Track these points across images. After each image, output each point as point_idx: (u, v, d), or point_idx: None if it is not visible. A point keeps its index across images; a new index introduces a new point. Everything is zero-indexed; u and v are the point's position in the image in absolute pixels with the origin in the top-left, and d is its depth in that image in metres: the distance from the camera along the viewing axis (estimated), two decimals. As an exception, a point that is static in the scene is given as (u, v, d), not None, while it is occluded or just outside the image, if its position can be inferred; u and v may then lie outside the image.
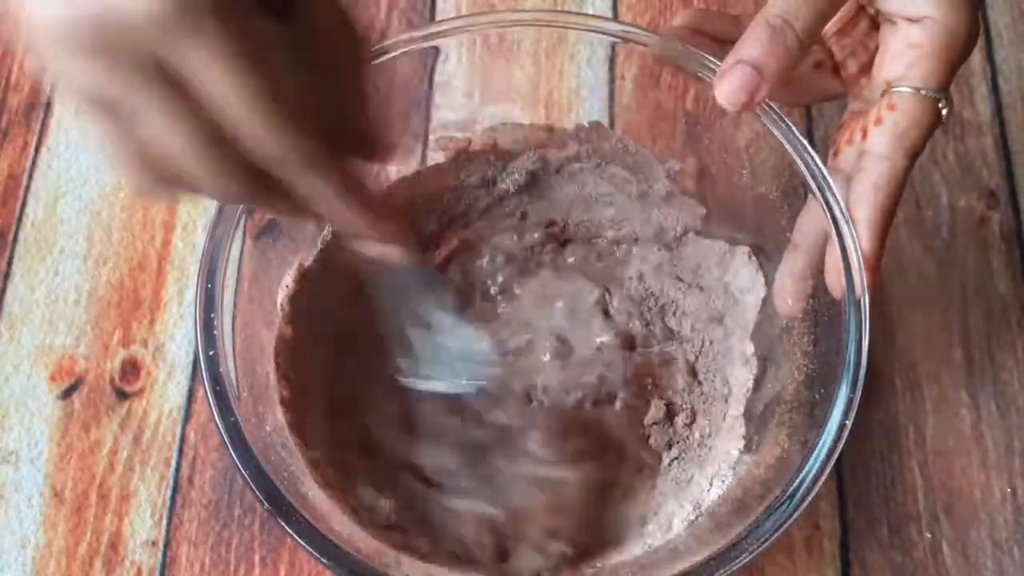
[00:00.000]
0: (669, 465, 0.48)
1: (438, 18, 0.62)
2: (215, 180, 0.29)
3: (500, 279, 0.53)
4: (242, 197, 0.31)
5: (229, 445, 0.37)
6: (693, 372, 0.51)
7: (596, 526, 0.46)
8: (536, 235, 0.53)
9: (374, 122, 0.34)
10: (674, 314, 0.52)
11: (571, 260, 0.54)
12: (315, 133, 0.30)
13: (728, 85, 0.40)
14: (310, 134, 0.29)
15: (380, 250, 0.36)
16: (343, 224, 0.34)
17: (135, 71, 0.26)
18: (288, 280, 0.46)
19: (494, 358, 0.46)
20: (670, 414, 0.49)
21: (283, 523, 0.36)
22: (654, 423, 0.49)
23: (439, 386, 0.45)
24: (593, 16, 0.47)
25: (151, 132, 0.28)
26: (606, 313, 0.52)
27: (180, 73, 0.27)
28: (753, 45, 0.39)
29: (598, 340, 0.51)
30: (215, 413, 0.38)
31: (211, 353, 0.39)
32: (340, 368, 0.49)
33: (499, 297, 0.53)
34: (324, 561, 0.36)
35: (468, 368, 0.45)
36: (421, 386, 0.45)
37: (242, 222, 0.42)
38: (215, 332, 0.39)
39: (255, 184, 0.30)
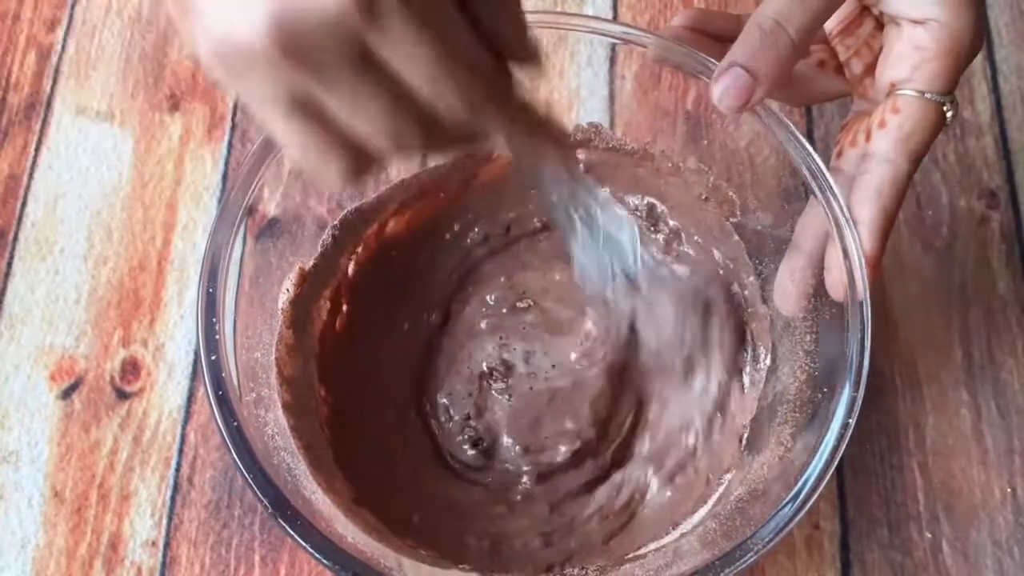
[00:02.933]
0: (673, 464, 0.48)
1: (438, 17, 0.62)
2: (402, 141, 0.30)
3: None
4: (422, 147, 0.32)
5: (232, 450, 0.37)
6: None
7: None
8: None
9: (521, 31, 0.33)
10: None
11: None
12: (485, 68, 0.31)
13: (723, 88, 0.40)
14: (483, 74, 0.30)
15: (539, 155, 0.38)
16: (514, 142, 0.36)
17: (337, 63, 0.28)
18: (288, 284, 0.46)
19: (636, 245, 0.45)
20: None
21: (287, 526, 0.36)
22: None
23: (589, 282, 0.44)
24: (593, 17, 0.47)
25: (348, 116, 0.29)
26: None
27: (374, 54, 0.28)
28: (746, 48, 0.39)
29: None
30: (218, 417, 0.38)
31: (213, 357, 0.39)
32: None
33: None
34: (327, 564, 0.36)
35: (615, 254, 0.44)
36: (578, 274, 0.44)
37: (242, 224, 0.41)
38: (217, 337, 0.39)
39: (430, 131, 0.31)
